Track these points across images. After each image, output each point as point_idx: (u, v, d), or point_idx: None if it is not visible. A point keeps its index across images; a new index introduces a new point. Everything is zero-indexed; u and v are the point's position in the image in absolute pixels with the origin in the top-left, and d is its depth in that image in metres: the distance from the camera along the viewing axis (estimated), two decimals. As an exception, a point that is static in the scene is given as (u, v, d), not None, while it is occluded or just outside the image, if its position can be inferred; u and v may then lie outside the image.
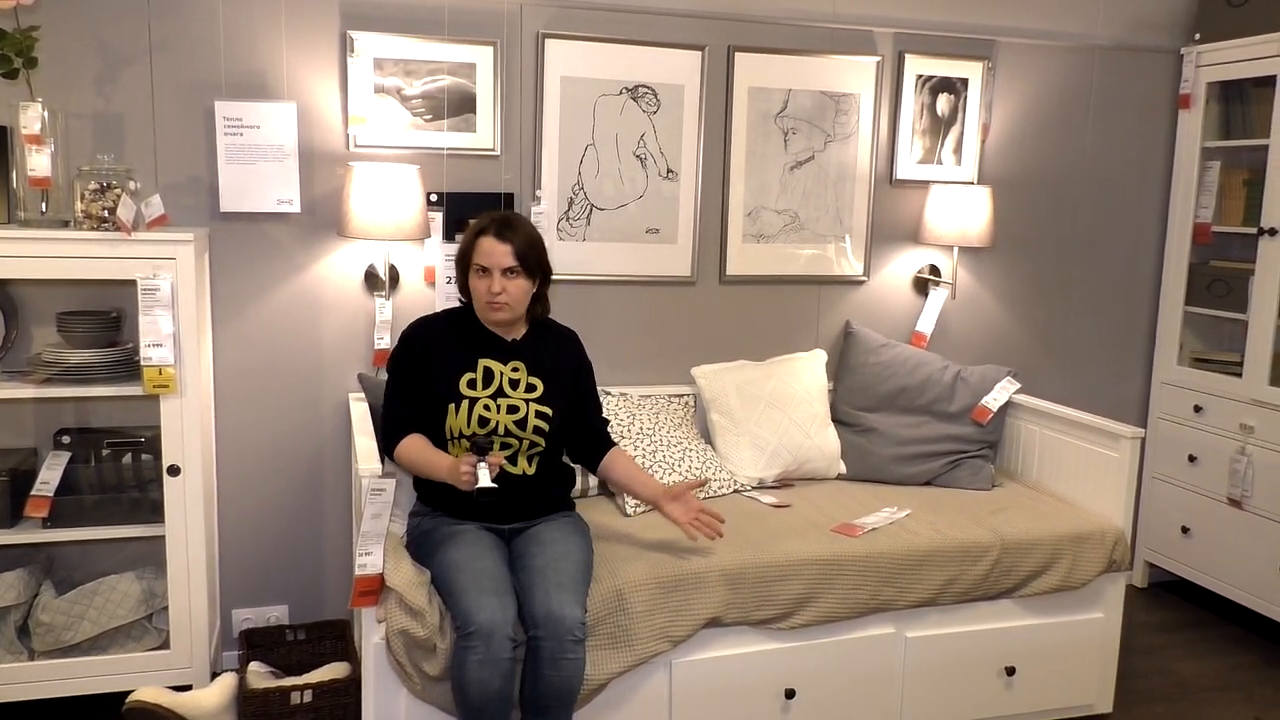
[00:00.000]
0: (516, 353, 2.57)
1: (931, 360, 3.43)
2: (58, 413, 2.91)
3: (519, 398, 2.52)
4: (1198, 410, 3.72)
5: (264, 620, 3.18)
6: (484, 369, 2.53)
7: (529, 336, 2.61)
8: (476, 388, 2.51)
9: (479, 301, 2.51)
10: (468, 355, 2.54)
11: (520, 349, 2.58)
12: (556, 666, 2.27)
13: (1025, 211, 3.75)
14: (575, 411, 2.64)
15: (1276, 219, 3.41)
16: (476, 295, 2.51)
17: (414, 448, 2.48)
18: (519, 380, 2.54)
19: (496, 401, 2.50)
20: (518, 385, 2.54)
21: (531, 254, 2.49)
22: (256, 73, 2.95)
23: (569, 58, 3.18)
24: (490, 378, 2.52)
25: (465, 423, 2.48)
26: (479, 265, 2.48)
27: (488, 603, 2.24)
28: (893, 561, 2.72)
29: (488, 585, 2.28)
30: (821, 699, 2.72)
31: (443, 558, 2.39)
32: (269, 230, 3.04)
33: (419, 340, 2.55)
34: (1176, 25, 3.81)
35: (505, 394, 2.52)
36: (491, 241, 2.47)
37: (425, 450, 2.48)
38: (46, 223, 2.63)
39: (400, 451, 2.50)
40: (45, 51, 2.71)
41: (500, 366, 2.54)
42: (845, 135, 3.49)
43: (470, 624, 2.22)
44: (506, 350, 2.56)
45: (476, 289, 2.50)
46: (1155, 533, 3.90)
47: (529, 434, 2.51)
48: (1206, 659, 3.45)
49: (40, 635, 2.72)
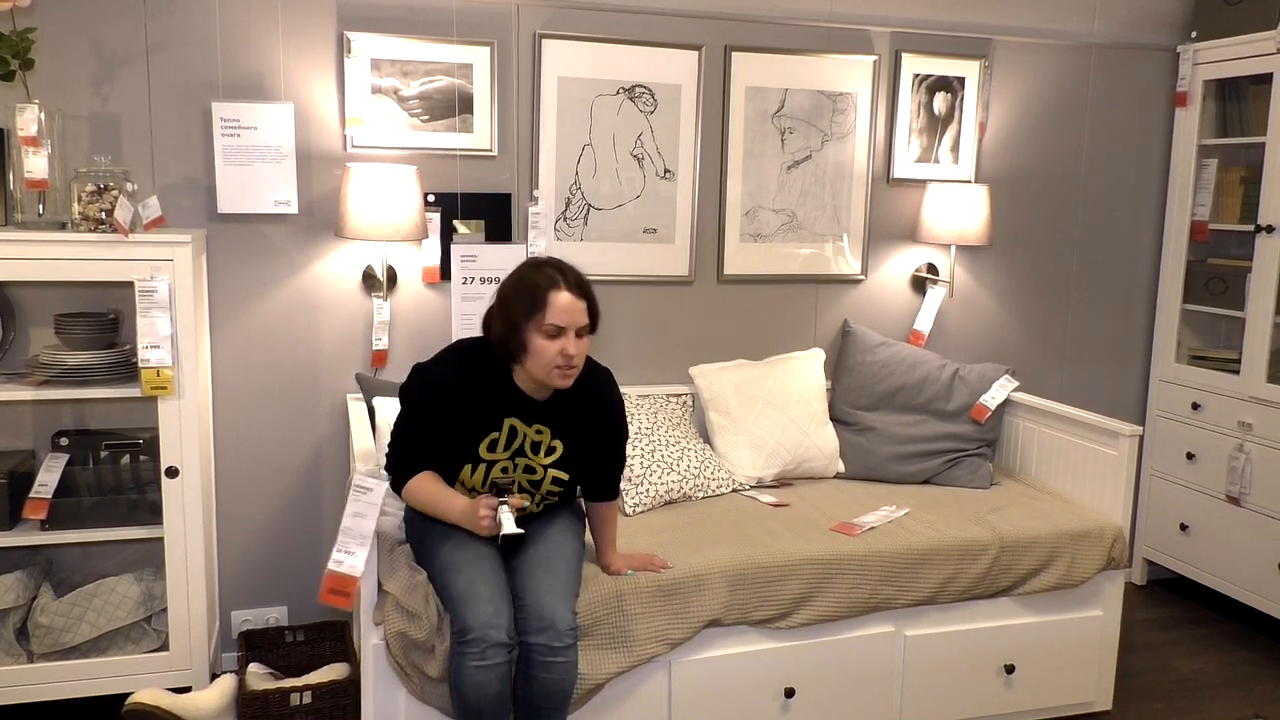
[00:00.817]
0: (543, 414, 2.38)
1: (929, 359, 3.43)
2: (56, 415, 2.91)
3: (538, 462, 2.39)
4: (1196, 408, 3.72)
5: (263, 621, 3.18)
6: (509, 429, 2.36)
7: (559, 393, 2.39)
8: (497, 449, 2.36)
9: (544, 365, 2.25)
10: (494, 413, 2.35)
11: (547, 410, 2.39)
12: (548, 669, 2.26)
13: (1022, 210, 3.75)
14: (593, 462, 2.49)
15: (1273, 216, 3.41)
16: (542, 357, 2.24)
17: (426, 488, 2.35)
18: (540, 444, 2.39)
19: (515, 462, 2.37)
20: (539, 449, 2.39)
21: (598, 310, 2.31)
22: (253, 74, 2.95)
23: (566, 58, 3.18)
24: (513, 438, 2.36)
25: (480, 482, 2.37)
26: (554, 326, 2.23)
27: (484, 607, 2.23)
28: (891, 560, 2.72)
29: (484, 590, 2.26)
30: (821, 698, 2.72)
31: (440, 559, 2.37)
32: (266, 231, 3.03)
33: (442, 389, 2.32)
34: (1173, 23, 3.82)
35: (525, 455, 2.38)
36: (571, 300, 2.24)
37: (439, 491, 2.34)
38: (44, 224, 2.63)
39: (410, 490, 2.37)
40: (42, 53, 2.71)
41: (525, 428, 2.37)
42: (842, 134, 3.49)
43: (466, 628, 2.21)
44: (534, 411, 2.38)
45: (544, 351, 2.24)
46: (1154, 530, 3.90)
47: (542, 494, 2.43)
48: (1205, 656, 3.45)
49: (39, 637, 2.71)
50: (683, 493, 3.03)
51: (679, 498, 3.03)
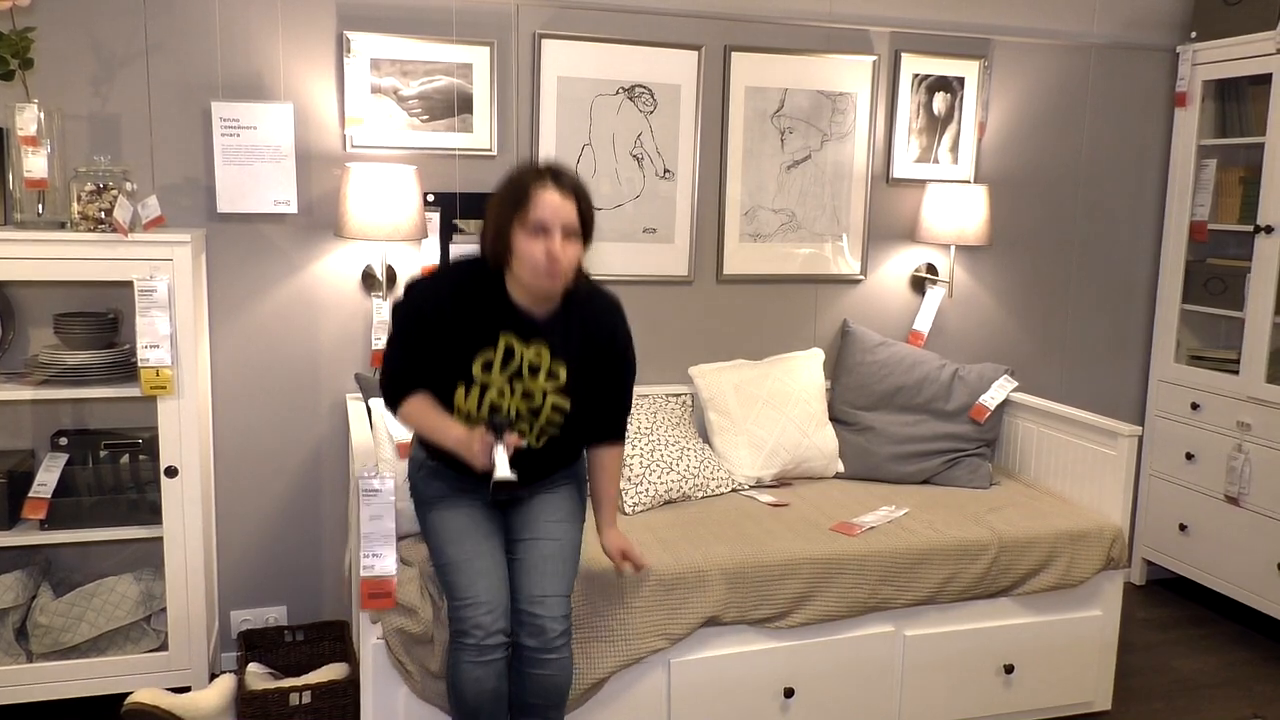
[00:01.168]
0: (542, 332, 2.26)
1: (929, 359, 3.43)
2: (55, 414, 2.91)
3: (537, 386, 2.26)
4: (1195, 408, 3.72)
5: (262, 621, 3.18)
6: (504, 347, 2.24)
7: (560, 313, 2.28)
8: (492, 369, 2.23)
9: (532, 266, 2.15)
10: (488, 329, 2.23)
11: (547, 328, 2.27)
12: (542, 666, 2.23)
13: (1022, 210, 3.75)
14: (597, 399, 2.38)
15: (1273, 216, 3.42)
16: (528, 258, 2.15)
17: (420, 410, 2.26)
18: (540, 367, 2.26)
19: (512, 386, 2.24)
20: (538, 372, 2.26)
21: (590, 215, 2.21)
22: (253, 74, 2.95)
23: (566, 58, 3.18)
24: (509, 358, 2.24)
25: (474, 407, 2.25)
26: (538, 222, 2.14)
27: (481, 604, 2.21)
28: (891, 560, 2.72)
29: (482, 584, 2.23)
30: (820, 698, 2.72)
31: (438, 545, 2.32)
32: (266, 231, 3.03)
33: (432, 305, 2.23)
34: (1172, 23, 3.82)
35: (522, 379, 2.25)
36: (555, 195, 2.15)
37: (432, 414, 2.25)
38: (43, 224, 2.63)
39: (405, 413, 2.29)
40: (41, 53, 2.71)
41: (522, 347, 2.25)
42: (842, 134, 3.49)
43: (464, 625, 2.20)
44: (532, 328, 2.25)
45: (529, 251, 2.14)
46: (1153, 530, 3.90)
47: (542, 423, 2.30)
48: (1205, 656, 3.45)
49: (38, 637, 2.71)
50: (682, 492, 3.03)
51: (678, 497, 3.03)
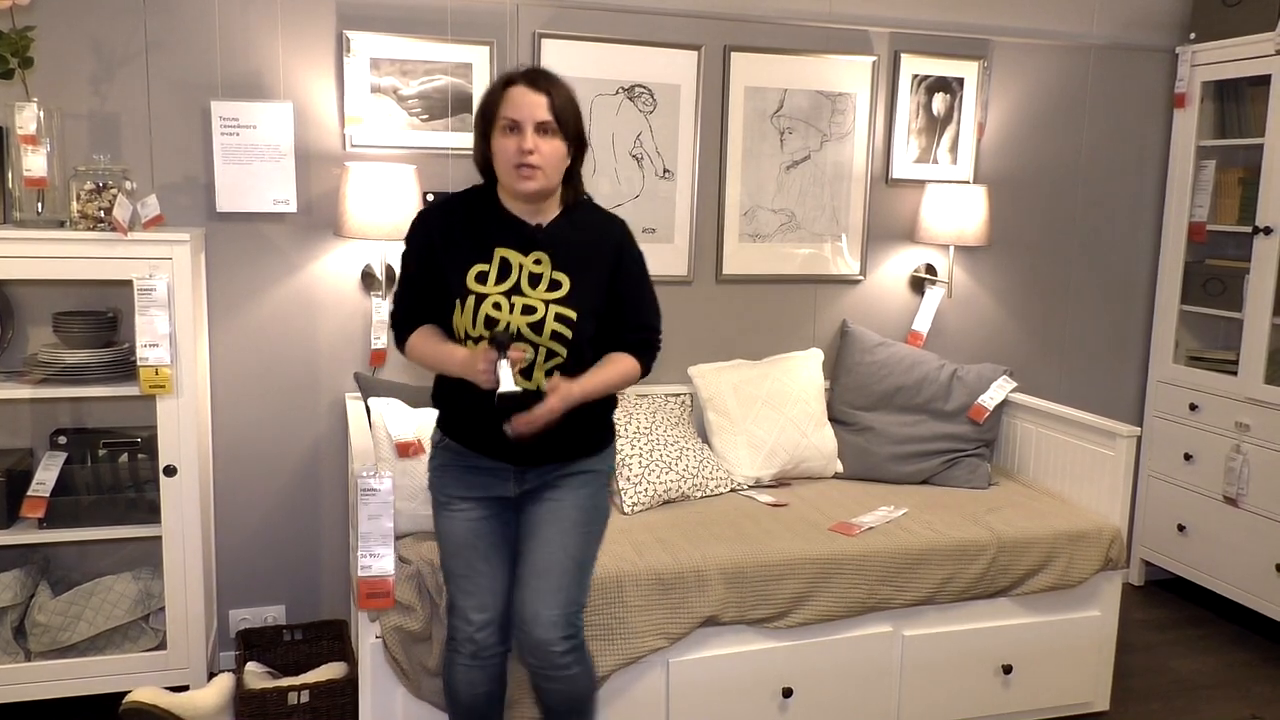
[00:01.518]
0: (541, 241, 2.14)
1: (928, 359, 3.43)
2: (54, 413, 2.91)
3: (538, 297, 2.11)
4: (1193, 409, 3.73)
5: (261, 620, 3.17)
6: (500, 260, 2.13)
7: (560, 222, 2.17)
8: (487, 281, 2.11)
9: (504, 165, 2.08)
10: (482, 243, 2.14)
11: (546, 237, 2.15)
12: (549, 681, 2.16)
13: (1021, 210, 3.76)
14: (612, 315, 2.21)
15: (1271, 217, 3.42)
16: (502, 157, 2.08)
17: (424, 340, 2.18)
18: (541, 275, 2.12)
19: (510, 299, 2.11)
20: (538, 282, 2.12)
21: (569, 112, 2.10)
22: (253, 73, 2.95)
23: (565, 57, 3.18)
24: (506, 271, 2.12)
25: (470, 322, 2.11)
26: (507, 120, 2.06)
27: (473, 622, 2.18)
28: (889, 560, 2.72)
29: (474, 602, 2.19)
30: (819, 698, 2.72)
31: (442, 553, 2.27)
32: (265, 230, 3.03)
33: (428, 225, 2.17)
34: (1172, 24, 3.82)
35: (521, 291, 2.11)
36: (523, 91, 2.06)
37: (436, 343, 2.17)
38: (42, 223, 2.63)
39: (411, 347, 2.21)
40: (41, 51, 2.71)
41: (520, 258, 2.13)
42: (841, 135, 3.49)
43: (459, 627, 2.20)
44: (529, 238, 2.14)
45: (503, 149, 2.07)
46: (1151, 531, 3.91)
47: (546, 339, 2.10)
48: (1203, 656, 3.45)
49: (37, 636, 2.71)
50: (681, 492, 3.03)
51: (677, 497, 3.03)
